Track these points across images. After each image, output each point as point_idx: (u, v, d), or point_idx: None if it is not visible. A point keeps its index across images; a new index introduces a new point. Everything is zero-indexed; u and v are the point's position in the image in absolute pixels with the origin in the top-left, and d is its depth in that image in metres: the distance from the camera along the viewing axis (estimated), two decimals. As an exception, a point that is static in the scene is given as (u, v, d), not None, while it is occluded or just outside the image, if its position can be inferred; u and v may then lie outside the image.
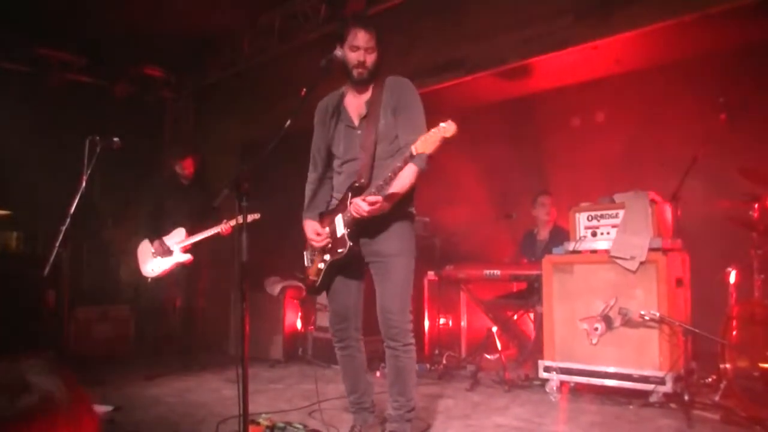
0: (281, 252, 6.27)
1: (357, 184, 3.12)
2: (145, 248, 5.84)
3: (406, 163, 2.92)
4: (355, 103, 3.29)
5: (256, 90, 7.50)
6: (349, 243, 3.13)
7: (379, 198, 2.94)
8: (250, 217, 5.22)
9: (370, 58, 3.18)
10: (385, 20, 5.19)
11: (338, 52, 3.15)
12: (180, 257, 5.69)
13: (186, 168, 5.98)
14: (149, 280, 5.76)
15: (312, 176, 3.47)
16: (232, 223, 5.40)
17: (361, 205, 2.96)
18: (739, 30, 4.96)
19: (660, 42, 5.24)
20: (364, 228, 3.14)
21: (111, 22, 6.42)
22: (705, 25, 4.85)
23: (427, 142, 2.79)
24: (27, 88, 6.94)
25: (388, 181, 2.96)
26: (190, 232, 5.69)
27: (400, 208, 3.16)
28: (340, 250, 3.16)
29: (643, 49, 5.46)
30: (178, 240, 5.71)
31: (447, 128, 2.76)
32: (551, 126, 6.71)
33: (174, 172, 6.04)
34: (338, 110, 3.35)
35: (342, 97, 3.34)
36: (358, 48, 3.15)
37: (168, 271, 5.71)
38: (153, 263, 5.73)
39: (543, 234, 5.97)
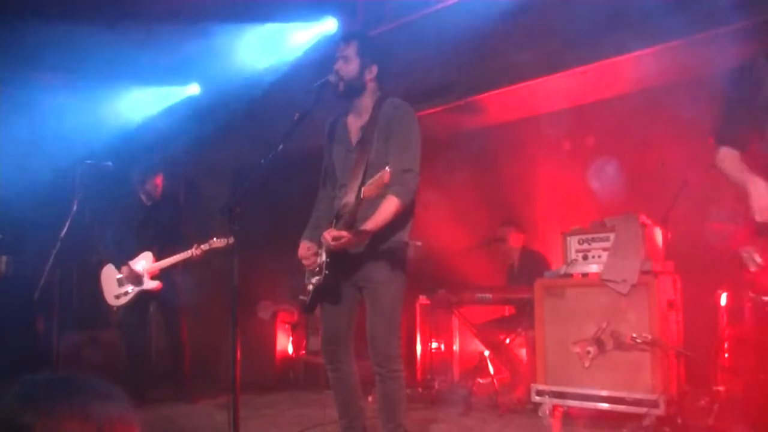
0: (274, 276, 6.26)
1: (340, 213, 3.11)
2: (109, 274, 5.51)
3: (358, 203, 2.93)
4: (354, 125, 3.30)
5: (250, 113, 7.52)
6: (325, 272, 3.09)
7: (342, 234, 2.91)
8: (223, 242, 5.14)
9: (345, 67, 3.20)
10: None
11: (331, 77, 3.18)
12: (148, 284, 5.38)
13: (158, 186, 5.60)
14: (115, 309, 5.46)
15: (320, 195, 3.48)
16: (204, 247, 5.17)
17: (326, 239, 2.96)
18: (726, 54, 5.02)
19: (648, 66, 5.30)
20: (343, 258, 3.11)
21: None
22: (693, 50, 4.92)
23: (371, 186, 2.80)
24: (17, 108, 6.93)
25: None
26: (158, 257, 5.41)
27: (392, 235, 3.16)
28: (317, 277, 3.15)
29: (631, 73, 5.52)
30: (145, 265, 5.41)
31: (384, 174, 2.78)
32: (543, 150, 6.74)
33: (138, 191, 5.63)
34: (339, 130, 3.37)
35: (345, 116, 3.36)
36: (336, 59, 3.20)
37: (134, 299, 5.40)
38: (119, 291, 5.42)
39: (515, 260, 6.01)
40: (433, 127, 6.48)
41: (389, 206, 3.04)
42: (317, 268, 3.18)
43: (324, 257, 3.11)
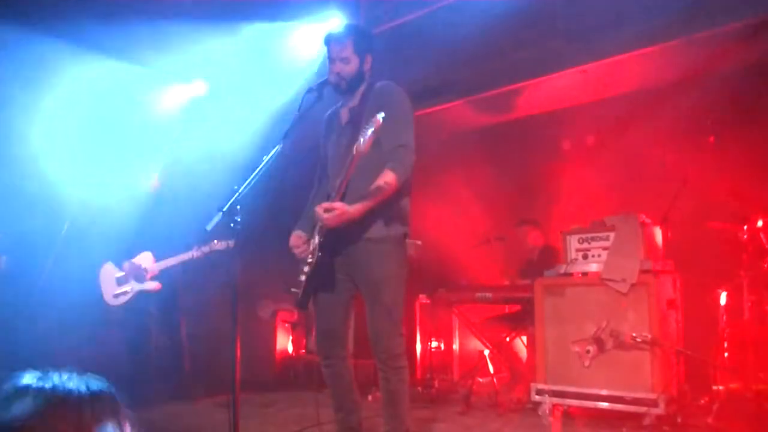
0: (274, 275, 6.25)
1: (332, 193, 3.08)
2: (108, 273, 5.47)
3: (352, 165, 2.90)
4: (345, 110, 3.33)
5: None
6: (318, 253, 3.07)
7: (335, 205, 2.90)
8: (224, 244, 5.11)
9: (346, 68, 3.20)
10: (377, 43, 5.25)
11: (331, 78, 3.19)
12: (147, 284, 5.33)
13: (158, 179, 5.57)
14: (114, 308, 5.39)
15: (315, 189, 3.48)
16: (205, 249, 5.13)
17: (318, 213, 2.94)
18: (726, 53, 5.03)
19: (648, 65, 5.31)
20: (339, 241, 3.10)
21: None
22: (692, 49, 4.93)
23: (365, 143, 2.76)
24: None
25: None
26: (158, 257, 5.36)
27: (390, 226, 3.15)
28: (309, 260, 3.13)
29: (631, 72, 5.52)
30: (145, 265, 5.35)
31: (375, 121, 2.74)
32: (543, 149, 6.75)
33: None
34: (333, 118, 3.38)
35: (340, 107, 3.38)
36: (333, 60, 3.20)
37: (134, 299, 5.34)
38: (118, 290, 5.37)
39: (534, 256, 5.98)
40: (435, 126, 6.50)
41: (385, 181, 3.00)
42: (310, 255, 3.16)
43: (317, 239, 3.10)
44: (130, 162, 5.71)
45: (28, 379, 1.21)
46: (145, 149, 6.59)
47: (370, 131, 2.75)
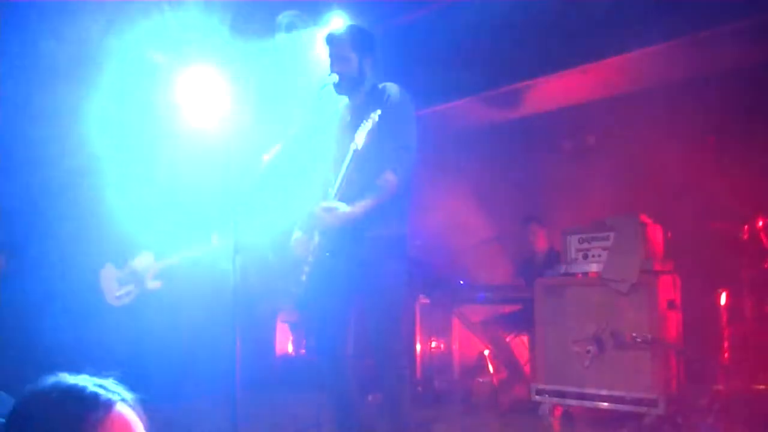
0: (275, 274, 6.24)
1: (332, 192, 3.08)
2: (109, 273, 5.46)
3: (351, 164, 2.92)
4: (347, 110, 3.34)
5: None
6: (318, 253, 3.08)
7: (335, 205, 2.91)
8: (224, 241, 5.09)
9: (346, 66, 3.21)
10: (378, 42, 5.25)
11: (333, 78, 3.19)
12: (149, 284, 5.34)
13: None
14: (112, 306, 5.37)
15: (313, 184, 3.48)
16: (205, 247, 5.12)
17: (319, 213, 2.96)
18: (728, 53, 5.03)
19: (649, 65, 5.30)
20: (338, 239, 3.09)
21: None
22: (693, 49, 4.92)
23: (361, 134, 2.82)
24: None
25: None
26: (158, 256, 5.37)
27: (389, 225, 3.15)
28: (310, 260, 3.13)
29: (632, 72, 5.52)
30: (145, 265, 5.37)
31: (374, 117, 2.78)
32: (543, 148, 6.75)
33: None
34: (335, 117, 3.40)
35: (342, 104, 3.39)
36: (333, 59, 3.22)
37: (132, 298, 5.34)
38: (120, 290, 5.35)
39: (539, 258, 5.96)
40: (435, 125, 6.49)
41: (386, 181, 3.02)
42: (310, 254, 3.15)
43: (317, 239, 3.10)
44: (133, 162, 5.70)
45: (61, 378, 1.24)
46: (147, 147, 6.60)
47: (367, 130, 2.76)
